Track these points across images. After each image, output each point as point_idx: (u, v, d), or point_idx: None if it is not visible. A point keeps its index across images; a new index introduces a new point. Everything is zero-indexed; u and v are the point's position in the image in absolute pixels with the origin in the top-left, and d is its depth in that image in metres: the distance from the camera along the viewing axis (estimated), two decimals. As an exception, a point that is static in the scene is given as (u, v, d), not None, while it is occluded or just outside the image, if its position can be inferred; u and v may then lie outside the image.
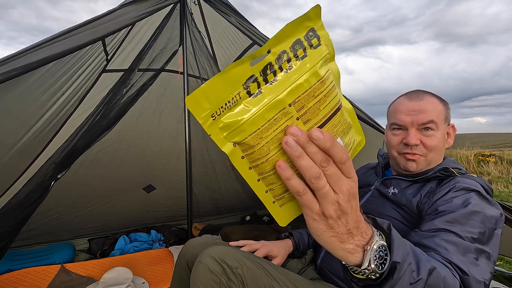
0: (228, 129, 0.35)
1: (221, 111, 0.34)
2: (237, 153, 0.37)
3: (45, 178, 1.50)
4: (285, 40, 0.34)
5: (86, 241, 2.30)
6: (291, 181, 0.36)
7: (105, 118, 1.65)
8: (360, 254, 0.42)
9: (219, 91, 0.34)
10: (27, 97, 1.30)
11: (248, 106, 0.34)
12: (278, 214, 0.42)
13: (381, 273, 0.44)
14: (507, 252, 1.45)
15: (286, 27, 0.34)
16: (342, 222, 0.39)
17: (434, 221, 0.70)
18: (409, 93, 0.92)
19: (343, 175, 0.37)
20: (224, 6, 1.53)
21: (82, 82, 1.60)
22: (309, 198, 0.37)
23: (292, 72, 0.34)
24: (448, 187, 0.79)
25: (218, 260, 0.75)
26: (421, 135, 0.87)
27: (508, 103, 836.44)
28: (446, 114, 0.89)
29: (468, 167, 5.23)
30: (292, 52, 0.34)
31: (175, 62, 1.98)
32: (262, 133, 0.35)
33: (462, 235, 0.65)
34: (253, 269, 0.76)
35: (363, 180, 1.08)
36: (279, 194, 0.41)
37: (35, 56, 0.95)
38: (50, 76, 1.31)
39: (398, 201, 0.88)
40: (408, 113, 0.88)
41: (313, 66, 0.35)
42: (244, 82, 0.34)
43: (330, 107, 0.37)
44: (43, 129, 1.54)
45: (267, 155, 0.36)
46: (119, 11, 1.30)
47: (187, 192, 1.78)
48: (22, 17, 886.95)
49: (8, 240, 1.50)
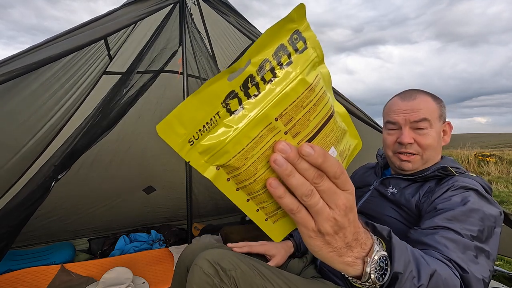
0: (210, 152, 0.32)
1: (199, 134, 0.31)
2: (222, 176, 0.34)
3: (46, 178, 1.50)
4: (267, 47, 0.30)
5: (86, 241, 2.30)
6: (284, 200, 0.34)
7: (105, 118, 1.65)
8: (360, 266, 0.40)
9: (195, 113, 0.30)
10: (34, 102, 1.30)
11: (229, 125, 0.31)
12: (272, 231, 0.40)
13: (382, 284, 0.42)
14: (507, 252, 1.45)
15: (267, 32, 0.30)
16: (340, 237, 0.37)
17: (434, 218, 0.70)
18: (403, 93, 0.93)
19: (338, 189, 0.34)
20: (224, 6, 1.53)
21: (87, 85, 1.61)
22: (303, 216, 0.34)
23: (276, 83, 0.30)
24: (446, 186, 0.80)
25: (212, 263, 0.78)
26: (415, 133, 0.87)
27: (508, 103, 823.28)
28: (440, 112, 0.89)
29: (468, 167, 5.23)
30: (275, 60, 0.30)
31: (175, 63, 1.98)
32: (247, 153, 0.31)
33: (462, 233, 0.65)
34: (247, 271, 0.78)
35: (362, 180, 1.09)
36: (271, 212, 0.38)
37: (36, 56, 0.96)
38: (56, 80, 1.32)
39: (397, 201, 0.88)
40: (401, 112, 0.89)
41: (300, 73, 0.31)
42: (223, 100, 0.30)
43: (321, 116, 0.34)
44: (48, 133, 1.55)
45: (254, 175, 0.33)
46: (120, 11, 1.30)
47: (187, 192, 1.78)
48: (22, 17, 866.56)
49: (8, 240, 1.50)
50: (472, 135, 46.37)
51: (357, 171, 1.20)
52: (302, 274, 1.02)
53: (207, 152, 0.32)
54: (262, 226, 0.39)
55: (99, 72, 1.65)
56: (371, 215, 0.92)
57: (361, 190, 1.05)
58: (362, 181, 1.08)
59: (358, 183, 1.09)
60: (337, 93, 1.41)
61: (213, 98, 0.30)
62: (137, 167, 2.36)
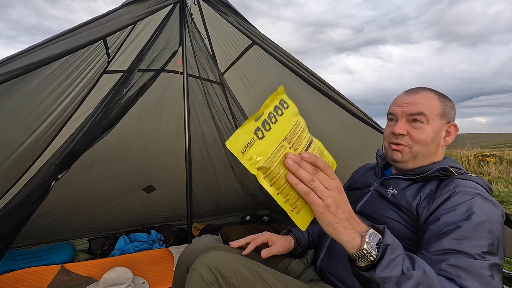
0: (251, 159, 0.53)
1: (246, 149, 0.53)
2: (260, 176, 0.54)
3: (46, 178, 1.50)
4: (269, 107, 0.56)
5: (86, 241, 2.31)
6: (299, 186, 0.54)
7: (105, 118, 1.65)
8: (359, 239, 0.57)
9: (242, 137, 0.53)
10: (32, 100, 1.30)
11: (259, 145, 0.53)
12: (298, 220, 0.58)
13: (376, 254, 0.56)
14: (507, 252, 1.45)
15: (268, 99, 0.56)
16: (341, 210, 0.56)
17: (442, 241, 0.68)
18: (410, 89, 0.94)
19: (328, 177, 0.56)
20: (224, 6, 1.53)
21: (85, 84, 1.61)
22: (313, 197, 0.55)
23: (278, 123, 0.56)
24: (447, 191, 0.78)
25: (212, 269, 0.77)
26: (409, 126, 0.88)
27: (508, 103, 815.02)
28: (442, 110, 0.88)
29: (468, 167, 5.22)
30: (275, 112, 0.56)
31: (175, 62, 1.98)
32: (271, 161, 0.54)
33: (473, 253, 0.64)
34: (248, 277, 0.77)
35: (362, 181, 1.08)
36: (293, 203, 0.57)
37: (36, 56, 0.96)
38: (54, 79, 1.31)
39: (397, 202, 0.87)
40: (399, 104, 0.90)
41: (289, 117, 0.57)
42: (254, 131, 0.53)
43: (306, 140, 0.59)
44: (46, 132, 1.55)
45: (278, 173, 0.55)
46: (120, 11, 1.30)
47: (187, 192, 1.78)
48: (21, 16, 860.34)
49: (8, 240, 1.50)
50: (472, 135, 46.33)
51: (356, 172, 1.19)
52: (302, 275, 1.02)
53: (250, 159, 0.53)
54: (291, 215, 0.58)
55: (97, 71, 1.64)
56: (371, 216, 0.92)
57: (361, 191, 1.03)
58: (362, 181, 1.07)
59: (358, 184, 1.08)
60: (337, 93, 1.41)
61: (249, 130, 0.53)
62: (137, 167, 2.36)
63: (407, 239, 0.81)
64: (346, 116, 1.40)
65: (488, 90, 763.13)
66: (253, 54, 1.80)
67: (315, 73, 1.42)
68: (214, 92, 2.03)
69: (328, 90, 1.38)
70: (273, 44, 1.48)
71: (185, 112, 1.77)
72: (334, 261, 0.92)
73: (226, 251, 0.87)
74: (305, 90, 1.46)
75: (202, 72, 1.95)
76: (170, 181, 2.53)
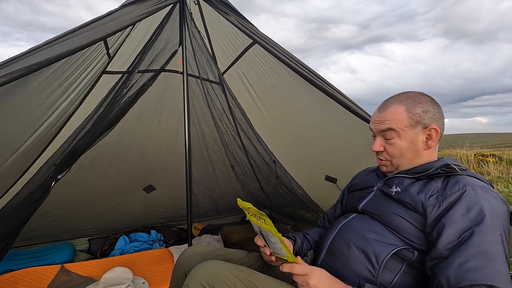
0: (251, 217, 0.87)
1: (247, 212, 0.86)
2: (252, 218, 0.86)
3: (46, 178, 1.50)
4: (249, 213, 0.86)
5: (86, 241, 2.31)
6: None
7: (105, 118, 1.65)
8: None
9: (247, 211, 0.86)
10: (32, 101, 1.30)
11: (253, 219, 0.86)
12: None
13: None
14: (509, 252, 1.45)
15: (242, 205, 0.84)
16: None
17: (461, 250, 0.72)
18: (381, 104, 0.97)
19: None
20: (224, 6, 1.53)
21: (85, 84, 1.61)
22: None
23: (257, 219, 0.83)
24: (458, 190, 0.79)
25: (205, 285, 0.78)
26: (385, 142, 0.94)
27: (511, 102, 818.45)
28: (412, 121, 0.89)
29: (468, 167, 5.21)
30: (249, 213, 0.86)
31: (175, 62, 1.98)
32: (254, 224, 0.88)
33: (489, 265, 0.68)
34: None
35: (364, 182, 1.08)
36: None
37: (37, 58, 0.96)
38: (55, 79, 1.31)
39: (401, 199, 0.87)
40: (373, 122, 0.96)
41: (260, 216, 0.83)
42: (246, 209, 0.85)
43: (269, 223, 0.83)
44: (46, 132, 1.55)
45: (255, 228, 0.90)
46: (120, 11, 1.30)
47: (187, 192, 1.77)
48: (16, 12, 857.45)
49: (8, 240, 1.50)
50: (472, 135, 46.30)
51: (357, 175, 1.20)
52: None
53: (251, 217, 0.86)
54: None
55: (98, 71, 1.64)
56: (375, 213, 0.92)
57: (363, 191, 1.04)
58: (364, 183, 1.07)
59: (360, 185, 1.09)
60: (339, 91, 1.41)
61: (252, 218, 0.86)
62: (137, 167, 2.36)
63: (412, 236, 0.82)
64: (348, 115, 1.39)
65: (491, 90, 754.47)
66: (253, 54, 1.80)
67: (316, 72, 1.42)
68: (214, 92, 2.03)
69: (330, 89, 1.38)
70: (274, 43, 1.48)
71: (185, 112, 1.77)
72: (335, 260, 0.92)
73: (222, 261, 0.88)
74: (306, 89, 1.46)
75: (202, 72, 1.94)
76: (170, 181, 2.53)
